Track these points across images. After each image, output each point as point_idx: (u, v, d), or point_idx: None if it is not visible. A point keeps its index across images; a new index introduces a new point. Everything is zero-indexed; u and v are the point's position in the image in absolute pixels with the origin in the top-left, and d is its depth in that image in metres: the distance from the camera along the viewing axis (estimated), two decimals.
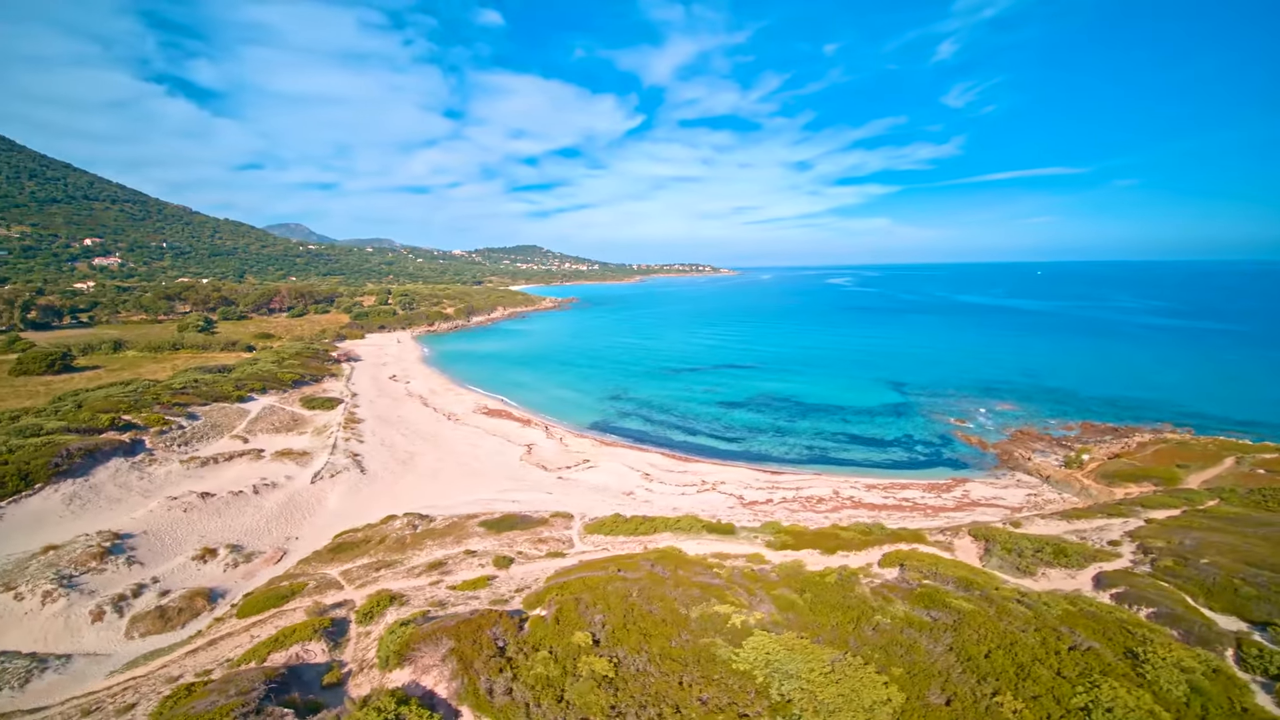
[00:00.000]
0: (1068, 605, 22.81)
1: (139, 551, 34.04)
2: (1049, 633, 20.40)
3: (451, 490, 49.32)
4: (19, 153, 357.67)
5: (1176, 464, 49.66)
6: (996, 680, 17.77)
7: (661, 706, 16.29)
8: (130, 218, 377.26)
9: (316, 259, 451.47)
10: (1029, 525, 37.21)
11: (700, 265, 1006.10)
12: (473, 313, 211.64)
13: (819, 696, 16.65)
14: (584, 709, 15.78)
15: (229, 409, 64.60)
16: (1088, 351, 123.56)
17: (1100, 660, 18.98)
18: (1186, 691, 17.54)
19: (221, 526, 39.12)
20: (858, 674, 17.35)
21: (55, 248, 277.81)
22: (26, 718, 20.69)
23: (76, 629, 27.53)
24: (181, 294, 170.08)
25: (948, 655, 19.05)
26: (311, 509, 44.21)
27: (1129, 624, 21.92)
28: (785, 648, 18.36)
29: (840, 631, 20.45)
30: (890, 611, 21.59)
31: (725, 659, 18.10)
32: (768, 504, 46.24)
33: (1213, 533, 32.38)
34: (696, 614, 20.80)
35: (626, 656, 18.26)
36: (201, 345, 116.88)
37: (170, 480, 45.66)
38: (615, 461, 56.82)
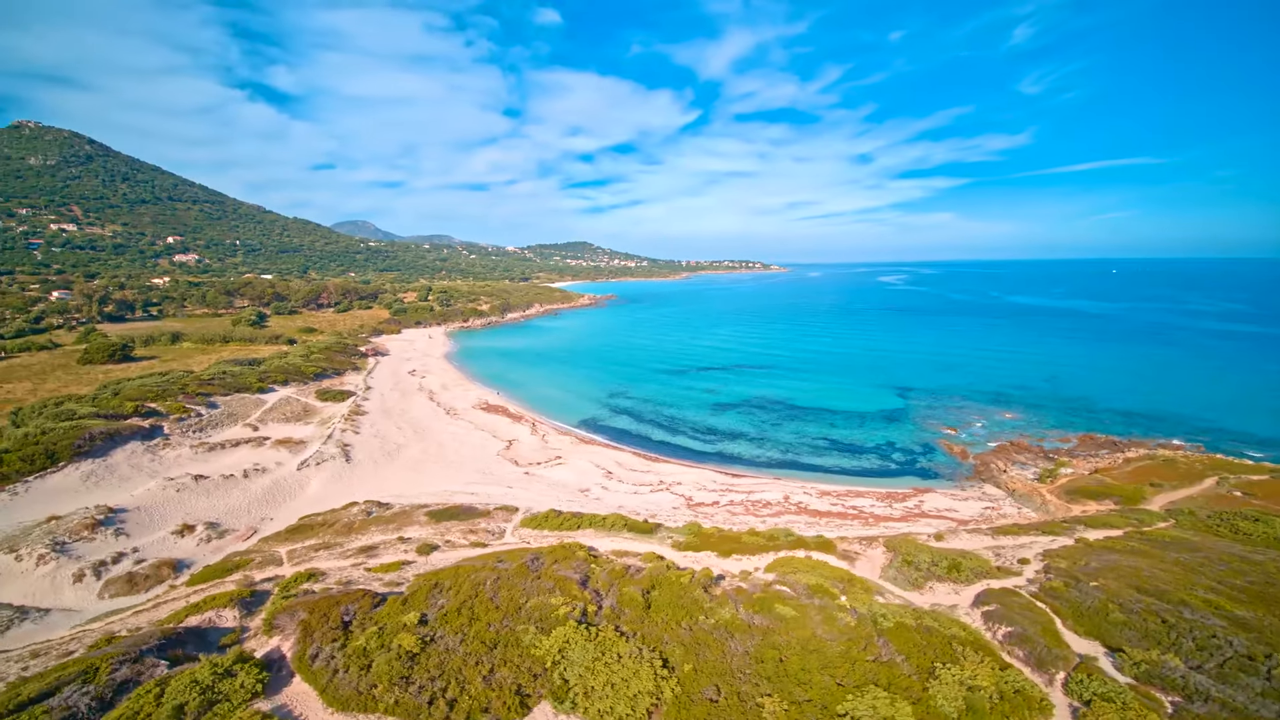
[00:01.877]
0: (906, 619, 23.46)
1: (128, 524, 39.00)
2: (858, 643, 21.32)
3: (423, 481, 52.97)
4: (114, 158, 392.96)
5: (1150, 482, 47.38)
6: (772, 683, 19.01)
7: (450, 680, 18.51)
8: (208, 217, 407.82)
9: (375, 255, 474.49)
10: (953, 539, 37.03)
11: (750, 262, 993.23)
12: (508, 309, 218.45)
13: (591, 683, 18.44)
14: (377, 677, 18.19)
15: (247, 399, 70.90)
16: (1129, 358, 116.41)
17: (892, 673, 19.86)
18: (959, 708, 18.29)
19: (208, 506, 43.94)
20: (637, 666, 18.99)
21: (142, 245, 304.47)
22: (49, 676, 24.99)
23: (59, 588, 32.28)
24: (240, 290, 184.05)
25: (744, 657, 20.36)
26: (293, 493, 48.71)
27: (964, 641, 22.48)
28: (586, 639, 20.18)
29: (659, 628, 22.02)
30: (718, 614, 22.95)
31: (528, 644, 20.11)
32: (714, 506, 47.44)
33: (1131, 556, 31.56)
34: (531, 604, 22.84)
35: (443, 635, 20.56)
36: (248, 338, 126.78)
37: (178, 463, 51.26)
38: (585, 459, 59.14)
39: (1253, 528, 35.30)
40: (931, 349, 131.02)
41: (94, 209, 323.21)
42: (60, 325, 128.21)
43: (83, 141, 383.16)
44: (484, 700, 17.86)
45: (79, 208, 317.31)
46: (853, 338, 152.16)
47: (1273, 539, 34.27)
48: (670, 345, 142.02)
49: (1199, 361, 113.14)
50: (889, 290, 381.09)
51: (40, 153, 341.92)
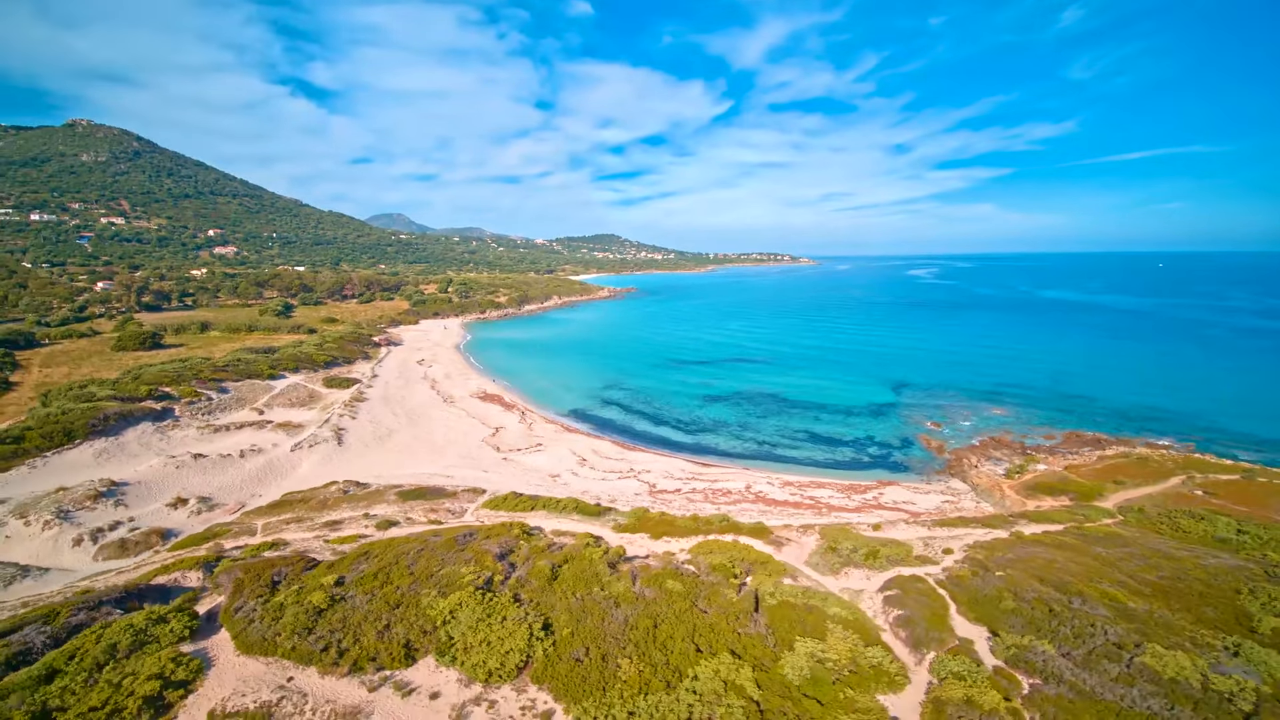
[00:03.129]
0: (793, 599, 24.90)
1: (128, 496, 42.79)
2: (731, 616, 22.91)
3: (407, 464, 55.97)
4: (160, 154, 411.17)
5: (1115, 480, 47.05)
6: (638, 648, 20.78)
7: (348, 632, 20.83)
8: (247, 210, 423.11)
9: (406, 248, 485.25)
10: (891, 530, 37.96)
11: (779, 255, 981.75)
12: (525, 302, 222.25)
13: (471, 640, 20.52)
14: (282, 627, 20.62)
15: (257, 385, 75.27)
16: (1145, 356, 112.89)
17: (751, 643, 21.47)
18: (804, 677, 19.78)
19: (203, 482, 47.62)
20: (515, 628, 20.99)
21: (184, 238, 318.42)
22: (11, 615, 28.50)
23: (59, 550, 35.98)
24: (270, 281, 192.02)
25: (621, 624, 22.15)
26: (284, 473, 52.19)
27: (842, 620, 23.88)
28: (477, 603, 22.27)
29: (555, 597, 23.95)
30: (613, 586, 24.77)
31: (425, 606, 22.31)
32: (675, 493, 49.09)
33: (1055, 549, 32.12)
34: (443, 572, 25.05)
35: (353, 595, 22.93)
36: (272, 328, 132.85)
37: (184, 443, 55.33)
38: (564, 447, 61.35)
39: (1194, 526, 35.28)
40: (940, 344, 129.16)
41: (141, 203, 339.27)
42: (101, 314, 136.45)
43: (131, 138, 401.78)
44: (373, 651, 20.12)
45: (127, 202, 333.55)
46: (861, 332, 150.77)
47: (1211, 538, 34.26)
48: (676, 338, 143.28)
49: (1220, 360, 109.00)
50: (915, 284, 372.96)
51: (92, 150, 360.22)
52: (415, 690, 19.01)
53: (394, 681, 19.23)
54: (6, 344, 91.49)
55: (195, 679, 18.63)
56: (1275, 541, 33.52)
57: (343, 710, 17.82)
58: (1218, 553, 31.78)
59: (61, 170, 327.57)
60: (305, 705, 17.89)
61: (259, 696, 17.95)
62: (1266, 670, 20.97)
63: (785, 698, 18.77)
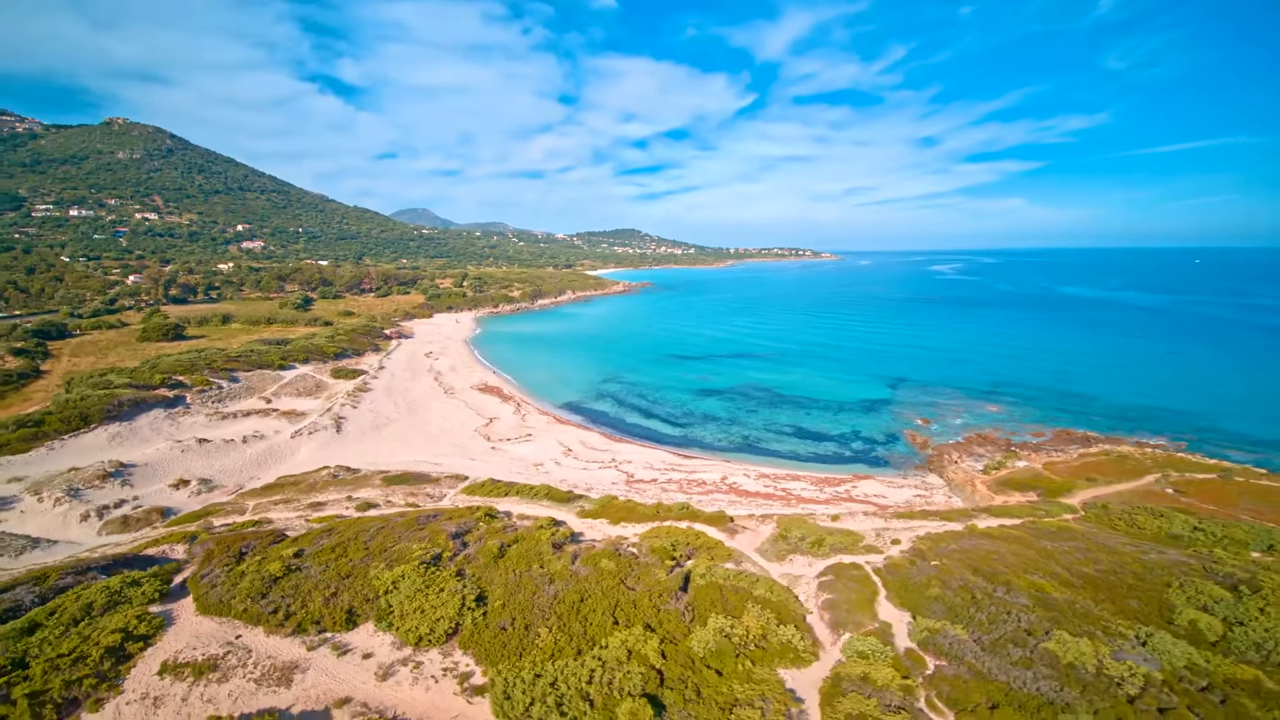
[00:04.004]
0: (723, 580, 26.17)
1: (134, 477, 45.80)
2: (656, 594, 24.32)
3: (400, 451, 58.36)
4: (192, 151, 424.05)
5: (1088, 477, 47.04)
6: (560, 619, 22.34)
7: (298, 598, 22.79)
8: (275, 206, 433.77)
9: (428, 242, 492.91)
10: (849, 521, 38.86)
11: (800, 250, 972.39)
12: (539, 296, 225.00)
13: (406, 608, 22.31)
14: (238, 591, 22.66)
15: (267, 375, 78.65)
16: (1154, 354, 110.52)
17: (668, 618, 22.86)
18: (709, 649, 21.13)
19: (205, 465, 50.56)
20: (449, 599, 22.71)
21: (214, 232, 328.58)
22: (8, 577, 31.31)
23: (68, 525, 38.93)
24: (291, 275, 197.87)
25: (551, 598, 23.73)
26: (282, 458, 54.97)
27: (764, 600, 25.14)
28: (419, 575, 24.05)
29: (495, 573, 25.63)
30: (552, 564, 26.36)
31: (371, 577, 24.19)
32: (651, 483, 50.52)
33: (1000, 541, 32.78)
34: (396, 548, 26.94)
35: (309, 566, 24.92)
36: (290, 320, 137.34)
37: (192, 428, 58.51)
38: (552, 438, 63.18)
39: (1149, 522, 35.52)
40: (947, 341, 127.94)
41: (173, 199, 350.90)
42: (131, 306, 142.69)
43: (164, 136, 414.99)
44: (317, 615, 22.05)
45: (160, 198, 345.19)
46: (869, 329, 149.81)
47: (1164, 534, 34.51)
48: (682, 333, 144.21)
49: (1231, 359, 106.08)
50: (934, 280, 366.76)
51: (128, 147, 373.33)
52: (351, 651, 20.87)
53: (333, 643, 21.12)
54: (40, 334, 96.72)
55: (155, 634, 20.75)
56: (1229, 539, 33.68)
57: (281, 665, 19.75)
58: (1165, 549, 32.10)
59: (99, 167, 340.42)
60: (248, 659, 19.86)
61: (207, 650, 19.98)
62: (1168, 659, 21.65)
63: (686, 667, 20.15)
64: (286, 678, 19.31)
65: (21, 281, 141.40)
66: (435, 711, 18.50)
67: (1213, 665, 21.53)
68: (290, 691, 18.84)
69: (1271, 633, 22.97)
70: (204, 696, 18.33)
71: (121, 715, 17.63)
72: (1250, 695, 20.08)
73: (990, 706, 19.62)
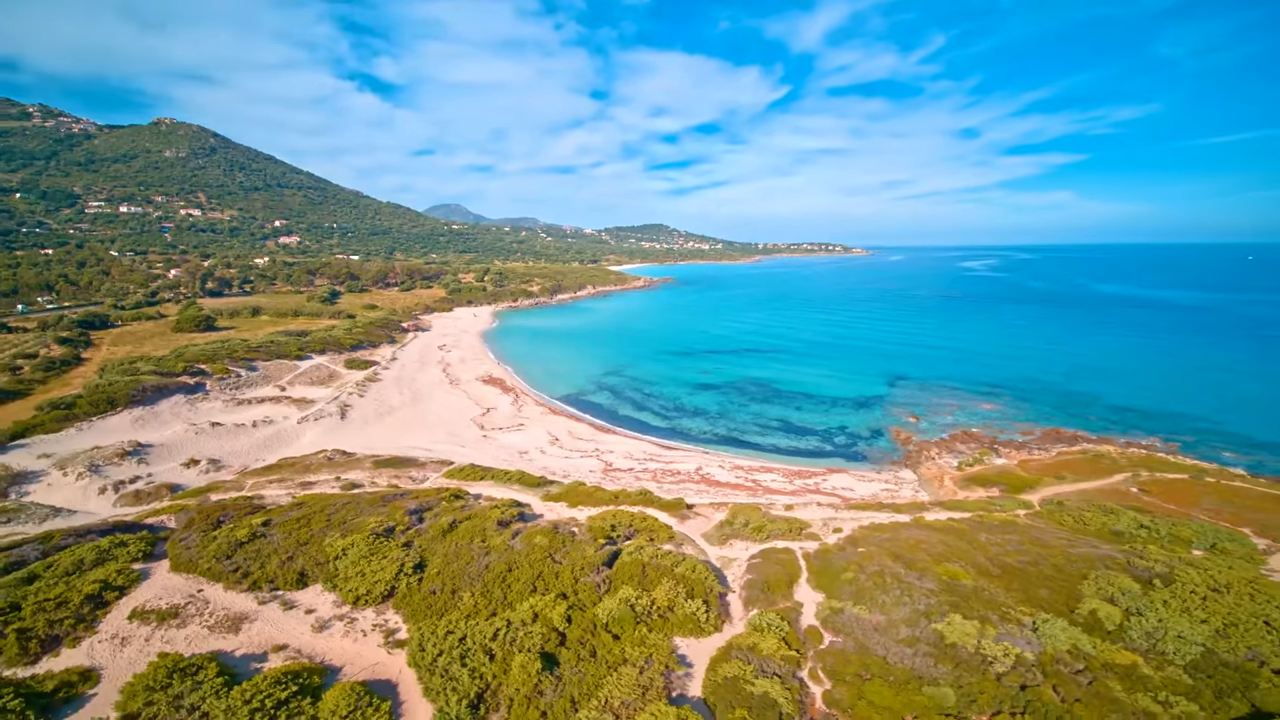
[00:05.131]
0: (648, 559, 28.07)
1: (150, 456, 50.03)
2: (577, 566, 26.42)
3: (397, 437, 61.70)
4: (234, 149, 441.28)
5: (1058, 474, 47.19)
6: (485, 586, 24.65)
7: (255, 560, 25.65)
8: (310, 202, 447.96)
9: (457, 237, 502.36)
10: (802, 510, 40.26)
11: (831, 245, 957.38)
12: (558, 291, 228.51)
13: (350, 572, 24.93)
14: (206, 553, 25.64)
15: (284, 364, 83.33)
16: (1172, 354, 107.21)
17: (586, 588, 24.95)
18: (612, 616, 23.16)
19: (216, 447, 54.65)
20: (389, 565, 25.26)
21: (253, 228, 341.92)
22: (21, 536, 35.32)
23: (87, 497, 43.08)
24: (321, 270, 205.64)
25: (483, 568, 26.06)
26: (289, 442, 58.84)
27: (682, 577, 26.96)
28: (366, 544, 26.67)
29: (440, 545, 28.11)
30: (492, 539, 28.71)
31: (325, 544, 26.92)
32: (627, 472, 52.58)
33: (935, 532, 33.82)
34: (355, 521, 29.67)
35: (273, 534, 27.81)
36: (315, 313, 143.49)
37: (209, 413, 62.96)
38: (542, 428, 65.76)
39: (1095, 519, 35.99)
40: (958, 338, 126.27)
41: (216, 196, 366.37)
42: (170, 299, 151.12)
43: (208, 135, 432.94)
44: (272, 575, 24.87)
45: (204, 195, 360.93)
46: (882, 325, 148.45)
47: (1107, 530, 35.01)
48: (692, 329, 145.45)
49: (1258, 361, 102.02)
50: (963, 276, 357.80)
51: (174, 146, 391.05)
52: (296, 607, 23.59)
53: (282, 599, 23.88)
54: (84, 324, 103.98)
55: (131, 586, 23.83)
56: (1173, 537, 34.02)
57: (233, 615, 22.57)
58: (1101, 544, 32.71)
59: (147, 166, 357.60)
60: (205, 610, 22.74)
61: (171, 600, 22.94)
62: (1051, 643, 22.75)
63: (588, 631, 22.23)
64: (236, 626, 22.10)
65: (72, 275, 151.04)
66: (358, 659, 21.02)
67: (1096, 650, 22.56)
68: (237, 638, 21.62)
69: (1164, 623, 23.78)
70: (163, 639, 21.23)
71: (94, 651, 20.62)
72: (1121, 678, 21.12)
73: (863, 678, 21.16)
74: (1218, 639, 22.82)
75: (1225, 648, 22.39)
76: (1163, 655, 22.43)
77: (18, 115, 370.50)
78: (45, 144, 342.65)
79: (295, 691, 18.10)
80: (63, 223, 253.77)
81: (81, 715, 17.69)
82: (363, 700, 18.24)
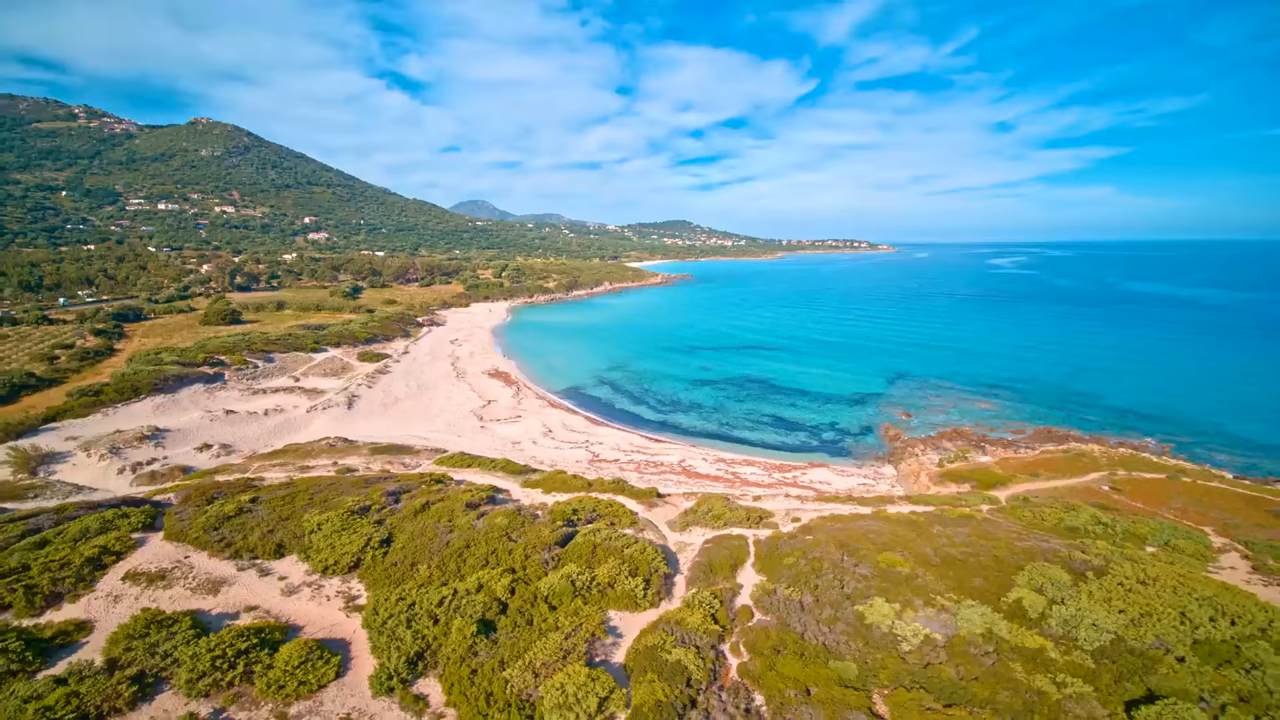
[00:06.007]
0: (601, 540, 29.92)
1: (166, 440, 53.68)
2: (531, 544, 28.39)
3: (398, 427, 64.65)
4: (266, 147, 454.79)
5: (1034, 472, 47.49)
6: (442, 560, 26.80)
7: (239, 532, 28.23)
8: (339, 199, 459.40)
9: (481, 234, 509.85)
10: (769, 501, 41.68)
11: (856, 241, 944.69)
12: (574, 287, 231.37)
13: (320, 544, 27.33)
14: (195, 525, 28.32)
15: (300, 356, 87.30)
16: (1189, 354, 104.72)
17: (534, 565, 26.93)
18: (553, 589, 25.06)
19: (229, 433, 58.19)
20: (356, 539, 27.58)
21: (283, 224, 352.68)
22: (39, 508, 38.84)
23: (107, 477, 46.67)
24: (344, 265, 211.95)
25: (443, 545, 28.22)
26: (297, 429, 62.20)
27: (629, 557, 28.73)
28: (340, 520, 29.06)
29: (410, 523, 30.38)
30: (458, 519, 30.88)
31: (304, 520, 29.39)
32: (613, 463, 54.50)
33: (888, 523, 34.92)
34: (335, 500, 32.15)
35: (259, 510, 30.42)
36: (336, 307, 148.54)
37: (225, 401, 66.78)
38: (538, 419, 68.04)
39: (1053, 515, 36.61)
40: (967, 337, 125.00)
41: (249, 193, 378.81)
42: (201, 293, 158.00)
43: (243, 134, 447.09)
44: (252, 545, 27.42)
45: (237, 192, 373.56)
46: (891, 323, 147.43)
47: (1062, 526, 35.65)
48: (700, 325, 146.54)
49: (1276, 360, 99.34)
50: (987, 274, 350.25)
51: (210, 145, 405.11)
52: (271, 573, 26.07)
53: (259, 567, 26.39)
54: (119, 317, 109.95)
55: (127, 551, 26.60)
56: (1126, 533, 34.56)
57: (213, 579, 25.14)
58: (1052, 538, 33.44)
59: (185, 164, 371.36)
60: (190, 573, 25.36)
61: (160, 565, 25.61)
62: (967, 627, 23.91)
63: (528, 602, 24.19)
64: (215, 589, 24.65)
65: (111, 269, 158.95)
66: (319, 620, 23.35)
67: (1010, 635, 23.66)
68: (215, 598, 24.15)
69: (1082, 612, 24.71)
70: (151, 598, 23.87)
71: (90, 607, 23.35)
72: (1025, 661, 22.24)
73: (776, 651, 22.67)
74: (1130, 628, 23.69)
75: (1134, 635, 23.28)
76: (1073, 641, 23.42)
77: (64, 116, 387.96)
78: (89, 144, 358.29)
79: (256, 644, 20.43)
80: (105, 220, 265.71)
81: (73, 659, 20.29)
82: (314, 654, 20.48)
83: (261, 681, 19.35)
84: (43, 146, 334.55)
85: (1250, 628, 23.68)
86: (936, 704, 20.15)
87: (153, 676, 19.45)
